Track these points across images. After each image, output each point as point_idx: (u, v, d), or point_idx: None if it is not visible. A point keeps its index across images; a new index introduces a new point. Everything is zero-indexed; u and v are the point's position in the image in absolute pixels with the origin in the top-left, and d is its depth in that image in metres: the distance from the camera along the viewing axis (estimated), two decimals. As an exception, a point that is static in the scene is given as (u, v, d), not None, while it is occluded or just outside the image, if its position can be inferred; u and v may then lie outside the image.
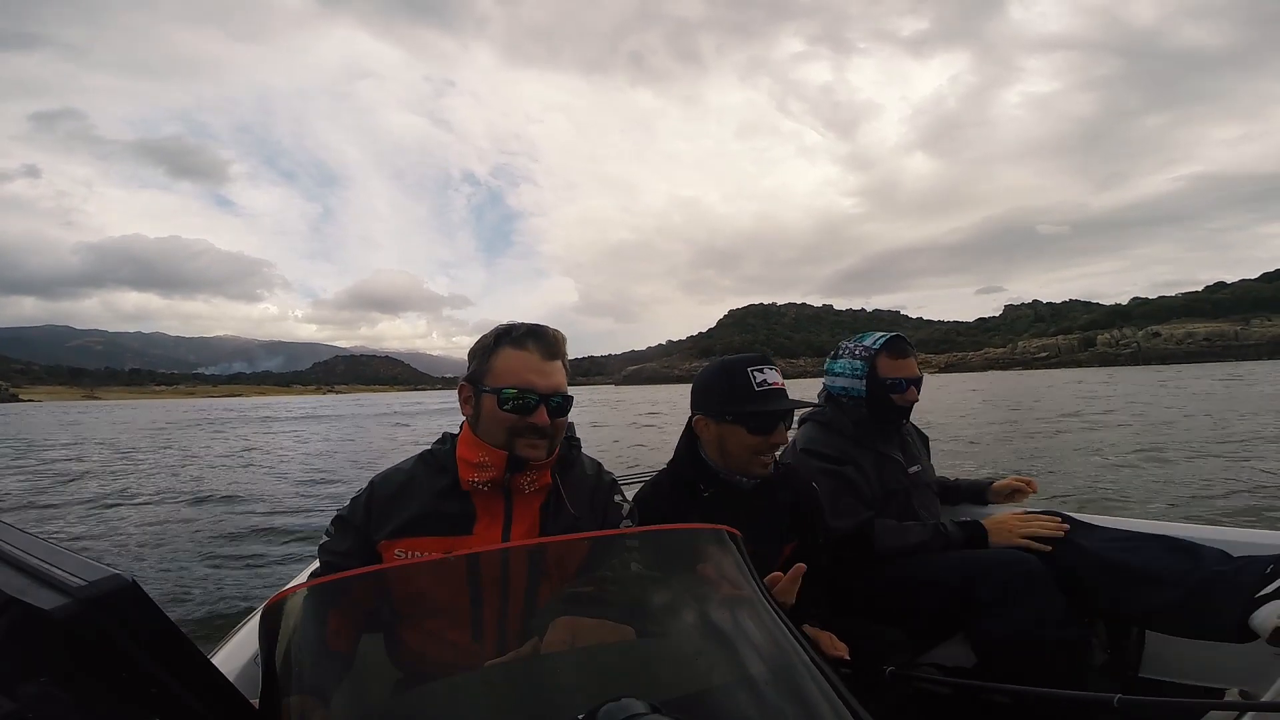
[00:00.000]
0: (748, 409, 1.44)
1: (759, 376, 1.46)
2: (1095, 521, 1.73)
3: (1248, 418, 14.78)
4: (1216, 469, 8.41)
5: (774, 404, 1.45)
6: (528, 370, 1.13)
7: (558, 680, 0.73)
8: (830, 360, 2.05)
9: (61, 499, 9.70)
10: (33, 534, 0.54)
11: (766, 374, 1.47)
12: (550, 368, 1.16)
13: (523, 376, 1.13)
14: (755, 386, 1.45)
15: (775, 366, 1.51)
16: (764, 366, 1.49)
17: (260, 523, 7.43)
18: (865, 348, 1.92)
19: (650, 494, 1.60)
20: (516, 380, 1.13)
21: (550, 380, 1.15)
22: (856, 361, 1.92)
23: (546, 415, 1.13)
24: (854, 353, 1.94)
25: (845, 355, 1.97)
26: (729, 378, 1.49)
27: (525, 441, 1.13)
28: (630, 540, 0.94)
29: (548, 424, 1.13)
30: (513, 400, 1.12)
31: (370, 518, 1.17)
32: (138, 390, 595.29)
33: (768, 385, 1.46)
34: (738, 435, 1.46)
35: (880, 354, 1.90)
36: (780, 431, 1.47)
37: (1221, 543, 1.51)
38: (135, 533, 7.13)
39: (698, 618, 0.79)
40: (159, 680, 0.50)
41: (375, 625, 0.82)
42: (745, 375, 1.47)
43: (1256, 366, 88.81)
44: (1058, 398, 28.38)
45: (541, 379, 1.14)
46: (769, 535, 1.54)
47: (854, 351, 1.95)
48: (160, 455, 16.75)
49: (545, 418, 1.13)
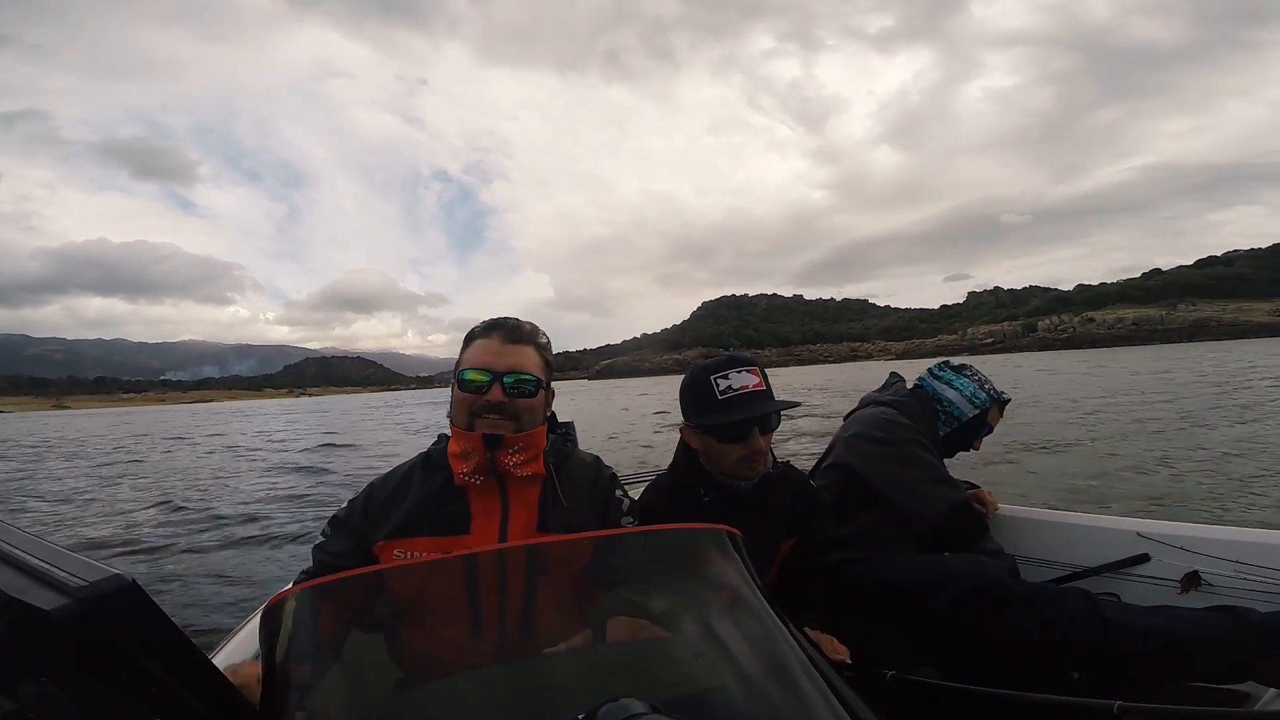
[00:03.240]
0: (710, 420, 1.39)
1: (722, 384, 1.37)
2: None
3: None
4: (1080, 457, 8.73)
5: (738, 413, 1.35)
6: (486, 354, 1.17)
7: (557, 680, 0.73)
8: (951, 371, 2.05)
9: (46, 502, 9.70)
10: (33, 534, 0.54)
11: (733, 379, 1.37)
12: (509, 350, 1.18)
13: (481, 359, 1.16)
14: (719, 395, 1.37)
15: (749, 367, 1.40)
16: (730, 370, 1.38)
17: (260, 523, 7.43)
18: (995, 389, 2.00)
19: (651, 495, 1.60)
20: (475, 363, 1.16)
21: (507, 360, 1.17)
22: (982, 393, 1.97)
23: (501, 392, 1.15)
24: (983, 384, 1.99)
25: (974, 379, 2.00)
26: (694, 387, 1.43)
27: (486, 421, 1.15)
28: (631, 540, 0.94)
29: (504, 401, 1.15)
30: (468, 382, 1.15)
31: (368, 519, 1.17)
32: (105, 399, 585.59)
33: (733, 391, 1.36)
34: (712, 444, 1.43)
35: (998, 403, 1.99)
36: (754, 438, 1.37)
37: (1123, 531, 1.77)
38: (135, 533, 7.13)
39: (697, 618, 0.79)
40: (159, 680, 0.50)
41: (375, 625, 0.82)
42: (708, 384, 1.39)
43: (1174, 349, 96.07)
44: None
45: (498, 359, 1.16)
46: (767, 533, 1.53)
47: (983, 384, 2.00)
48: (159, 456, 16.75)
49: (500, 394, 1.14)
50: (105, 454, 17.78)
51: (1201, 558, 1.66)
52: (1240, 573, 1.58)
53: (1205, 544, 1.66)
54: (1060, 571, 1.89)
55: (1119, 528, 1.85)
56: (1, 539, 0.52)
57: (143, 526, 7.47)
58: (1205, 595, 1.63)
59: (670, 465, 1.63)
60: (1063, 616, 1.46)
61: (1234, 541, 1.63)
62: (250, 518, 7.78)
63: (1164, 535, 1.74)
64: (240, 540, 6.65)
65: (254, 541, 6.61)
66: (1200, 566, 1.65)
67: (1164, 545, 1.72)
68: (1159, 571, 1.73)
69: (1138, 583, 1.76)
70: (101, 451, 18.97)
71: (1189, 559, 1.68)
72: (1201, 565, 1.65)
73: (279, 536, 6.78)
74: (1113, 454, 8.54)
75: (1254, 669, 1.33)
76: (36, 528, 7.45)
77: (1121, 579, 1.79)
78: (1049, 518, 2.02)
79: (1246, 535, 1.65)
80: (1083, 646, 1.44)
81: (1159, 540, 1.74)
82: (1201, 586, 1.64)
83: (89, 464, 14.96)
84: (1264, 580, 1.55)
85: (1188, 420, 11.23)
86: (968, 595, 1.49)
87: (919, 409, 1.96)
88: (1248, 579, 1.57)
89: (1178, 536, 1.71)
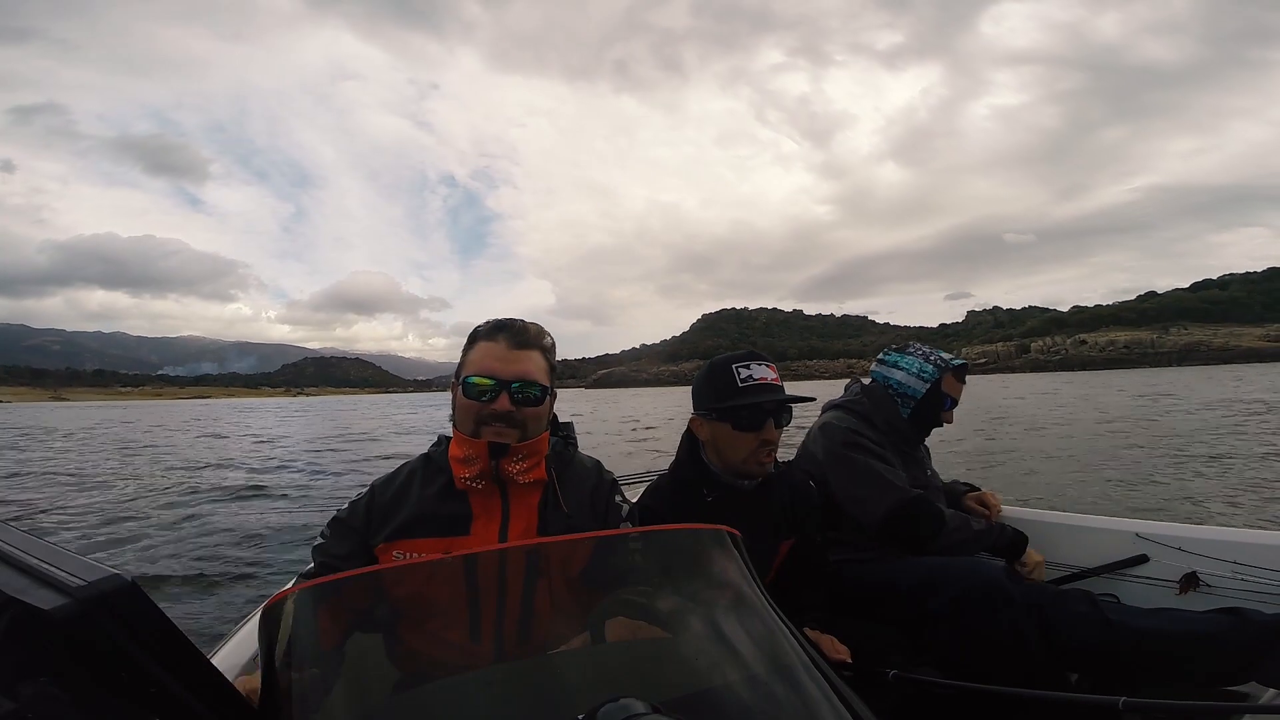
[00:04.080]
0: (730, 404, 1.44)
1: (744, 372, 1.45)
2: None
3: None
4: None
5: (758, 397, 1.43)
6: (492, 359, 1.14)
7: (557, 681, 0.73)
8: (895, 353, 2.03)
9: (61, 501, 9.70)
10: (32, 534, 0.54)
11: (753, 369, 1.45)
12: (516, 355, 1.15)
13: (487, 365, 1.14)
14: (739, 381, 1.44)
15: (766, 362, 1.49)
16: (751, 362, 1.47)
17: (260, 522, 7.43)
18: (941, 358, 1.96)
19: (652, 496, 1.60)
20: (480, 369, 1.13)
21: (514, 367, 1.14)
22: (929, 366, 1.93)
23: (509, 401, 1.12)
24: (928, 357, 1.96)
25: (918, 355, 1.98)
26: (714, 374, 1.49)
27: (491, 429, 1.12)
28: (631, 541, 0.93)
29: (511, 410, 1.12)
30: (474, 388, 1.13)
31: (370, 521, 1.17)
32: (104, 391, 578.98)
33: (753, 380, 1.44)
34: (726, 433, 1.46)
35: (950, 371, 1.95)
36: (769, 428, 1.45)
37: (1122, 532, 1.78)
38: (135, 533, 7.12)
39: (697, 618, 0.79)
40: (159, 680, 0.50)
41: (374, 626, 0.81)
42: (729, 370, 1.46)
43: (1164, 373, 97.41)
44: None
45: (505, 366, 1.13)
46: (767, 533, 1.54)
47: (929, 356, 1.97)
48: (157, 455, 16.74)
49: (507, 403, 1.12)
50: (110, 450, 17.77)
51: (1200, 559, 1.66)
52: (1238, 574, 1.59)
53: (1204, 545, 1.67)
54: (1059, 572, 1.89)
55: (1117, 529, 1.85)
56: (1, 539, 0.52)
57: (142, 526, 7.47)
58: (1204, 596, 1.63)
59: (672, 464, 1.63)
60: (1065, 618, 1.46)
61: (1232, 542, 1.64)
62: (250, 517, 7.78)
63: (1162, 536, 1.74)
64: (240, 539, 6.65)
65: (254, 540, 6.60)
66: (1199, 567, 1.66)
67: (1162, 546, 1.73)
68: (1157, 572, 1.73)
69: (1136, 583, 1.76)
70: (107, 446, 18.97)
71: (1187, 560, 1.68)
72: (1200, 566, 1.66)
73: (279, 535, 6.78)
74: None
75: (1255, 670, 1.33)
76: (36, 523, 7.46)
77: (1120, 580, 1.79)
78: (1048, 518, 2.02)
79: (1245, 536, 1.65)
80: (1084, 648, 1.44)
81: (1157, 541, 1.74)
82: (1200, 587, 1.64)
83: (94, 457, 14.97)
84: (1262, 581, 1.55)
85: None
86: (966, 596, 1.49)
87: (873, 403, 1.95)
88: (1246, 580, 1.57)
89: (1176, 537, 1.72)
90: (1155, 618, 1.45)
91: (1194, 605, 1.55)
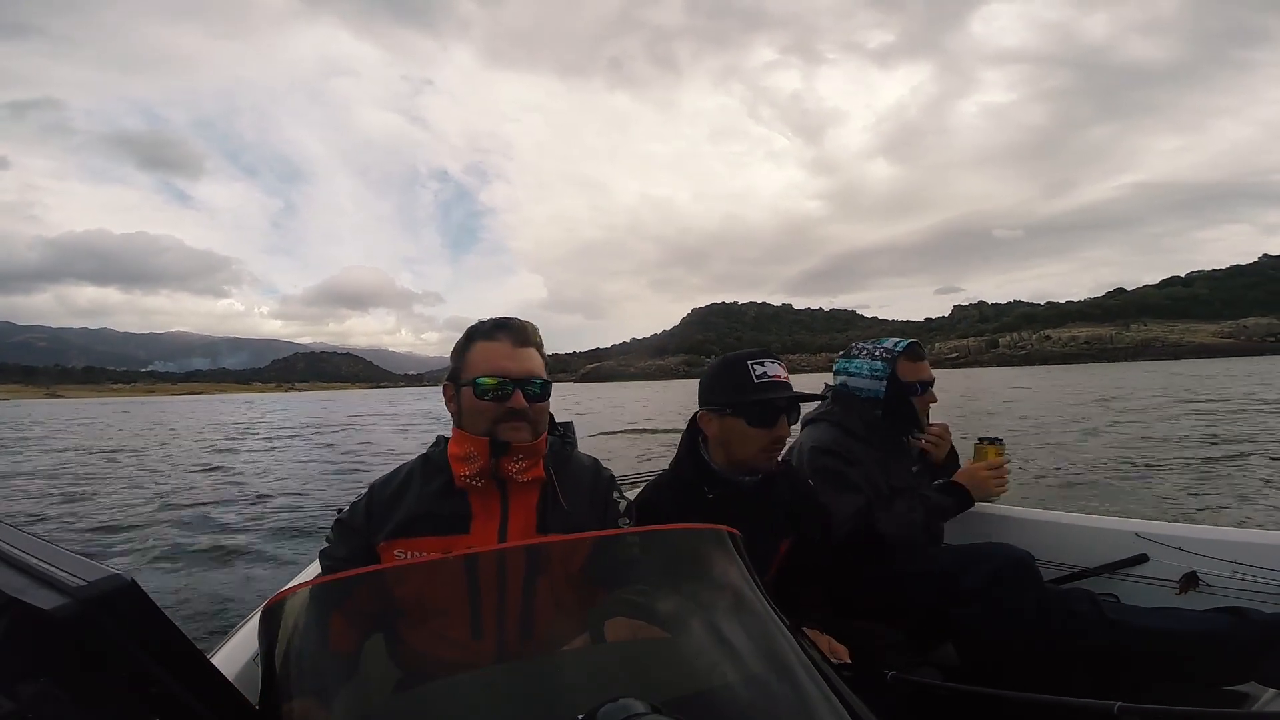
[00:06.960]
0: (746, 399, 1.45)
1: (759, 369, 1.47)
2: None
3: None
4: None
5: (772, 394, 1.45)
6: (500, 358, 1.16)
7: (557, 680, 0.73)
8: (844, 359, 2.00)
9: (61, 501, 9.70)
10: (33, 534, 0.54)
11: (767, 367, 1.48)
12: (522, 354, 1.17)
13: (496, 364, 1.15)
14: (755, 378, 1.45)
15: (778, 361, 1.51)
16: (764, 360, 1.49)
17: (260, 522, 7.42)
18: (886, 349, 1.90)
19: (652, 494, 1.60)
20: (490, 369, 1.15)
21: (523, 365, 1.16)
22: (877, 363, 1.89)
23: (524, 399, 1.15)
24: (874, 354, 1.91)
25: (864, 356, 1.93)
26: (728, 370, 1.50)
27: (507, 426, 1.14)
28: (630, 540, 0.94)
29: (526, 407, 1.15)
30: (488, 388, 1.14)
31: (370, 520, 1.17)
32: (95, 388, 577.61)
33: (768, 377, 1.46)
34: (739, 429, 1.46)
35: (900, 357, 1.88)
36: (783, 424, 1.46)
37: (1122, 532, 1.80)
38: (135, 532, 7.12)
39: (697, 618, 0.79)
40: (159, 680, 0.50)
41: (374, 625, 0.82)
42: (744, 367, 1.47)
43: (1116, 367, 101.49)
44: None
45: (514, 364, 1.16)
46: (768, 532, 1.54)
47: (874, 353, 1.91)
48: (155, 453, 16.73)
49: (522, 401, 1.14)
50: (97, 448, 17.76)
51: (1200, 558, 1.66)
52: (1238, 573, 1.59)
53: (1203, 544, 1.67)
54: (1059, 572, 1.89)
55: (1117, 528, 1.85)
56: (1, 539, 0.52)
57: (142, 525, 7.46)
58: (1203, 596, 1.63)
59: (672, 462, 1.63)
60: (1067, 618, 1.47)
61: (1232, 542, 1.64)
62: (250, 516, 7.78)
63: (1162, 536, 1.74)
64: (240, 539, 6.64)
65: (254, 540, 6.60)
66: (1198, 567, 1.66)
67: (1162, 545, 1.73)
68: (1157, 572, 1.73)
69: (1136, 583, 1.76)
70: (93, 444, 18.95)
71: (1187, 559, 1.68)
72: (1200, 566, 1.66)
73: (279, 534, 6.78)
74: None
75: (1255, 670, 1.34)
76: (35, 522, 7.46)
77: (1120, 579, 1.79)
78: (1047, 518, 2.02)
79: (1244, 536, 1.66)
80: (1086, 648, 1.44)
81: (1157, 541, 1.74)
82: (1200, 587, 1.65)
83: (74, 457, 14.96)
84: (1262, 580, 1.55)
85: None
86: (1000, 573, 1.50)
87: (844, 409, 1.92)
88: (1245, 579, 1.58)
89: (1176, 537, 1.72)
90: (1155, 617, 1.45)
91: (1194, 605, 1.56)
